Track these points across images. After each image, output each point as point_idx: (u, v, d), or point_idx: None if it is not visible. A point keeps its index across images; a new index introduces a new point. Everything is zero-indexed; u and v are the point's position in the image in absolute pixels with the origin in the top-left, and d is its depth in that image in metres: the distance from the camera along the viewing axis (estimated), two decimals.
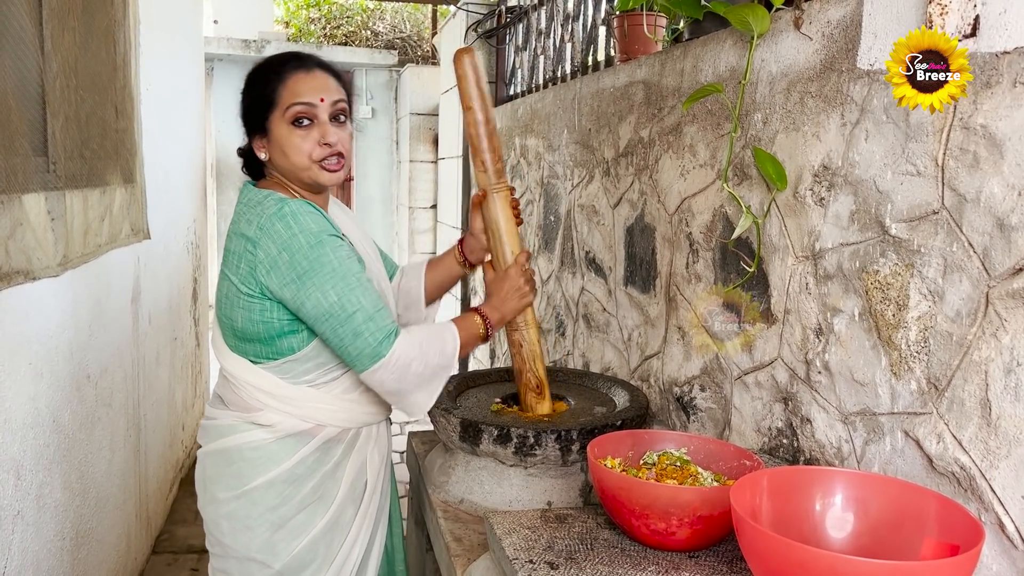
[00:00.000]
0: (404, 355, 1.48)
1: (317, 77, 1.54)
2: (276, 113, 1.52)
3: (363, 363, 1.47)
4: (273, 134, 1.53)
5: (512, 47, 4.12)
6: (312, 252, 1.45)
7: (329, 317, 1.45)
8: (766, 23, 1.53)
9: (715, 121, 1.79)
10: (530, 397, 1.80)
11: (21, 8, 1.79)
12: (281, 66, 1.54)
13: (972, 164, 1.11)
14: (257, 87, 1.55)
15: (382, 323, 1.47)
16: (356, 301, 1.45)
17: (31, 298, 1.88)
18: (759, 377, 1.63)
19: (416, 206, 7.00)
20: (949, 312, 1.15)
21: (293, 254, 1.45)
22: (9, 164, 1.68)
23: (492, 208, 1.75)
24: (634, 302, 2.25)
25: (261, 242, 1.47)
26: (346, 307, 1.45)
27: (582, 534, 1.32)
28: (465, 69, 1.71)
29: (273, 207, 1.48)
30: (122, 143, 2.64)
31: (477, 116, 1.72)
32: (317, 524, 1.57)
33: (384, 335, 1.46)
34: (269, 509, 1.55)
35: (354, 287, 1.46)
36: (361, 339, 1.45)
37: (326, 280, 1.44)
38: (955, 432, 1.15)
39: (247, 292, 1.50)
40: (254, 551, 1.55)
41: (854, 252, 1.34)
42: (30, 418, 1.90)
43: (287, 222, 1.46)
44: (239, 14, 9.22)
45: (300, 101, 1.51)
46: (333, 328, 1.46)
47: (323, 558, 1.58)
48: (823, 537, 1.14)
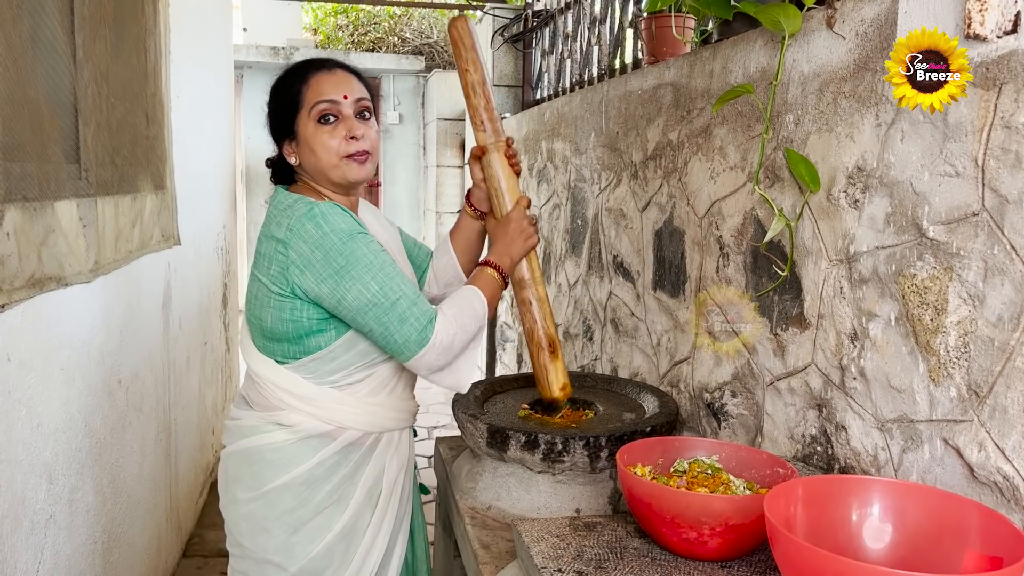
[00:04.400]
0: (447, 333, 1.51)
1: (339, 75, 1.58)
2: (302, 114, 1.55)
3: (410, 349, 1.49)
4: (301, 135, 1.57)
5: (539, 51, 4.12)
6: (346, 248, 1.48)
7: (373, 307, 1.47)
8: (798, 23, 1.50)
9: (745, 123, 1.76)
10: (543, 358, 1.78)
11: (53, 17, 1.82)
12: (303, 70, 1.59)
13: (1014, 164, 1.08)
14: (282, 93, 1.59)
15: (424, 307, 1.51)
16: (398, 288, 1.48)
17: (63, 304, 1.90)
18: (792, 383, 1.60)
19: (443, 211, 7.01)
20: (990, 317, 1.12)
21: (327, 252, 1.47)
22: (42, 171, 1.70)
23: (492, 163, 1.78)
24: (663, 306, 2.23)
25: (292, 243, 1.49)
26: (389, 295, 1.48)
27: (611, 543, 1.30)
28: (460, 34, 1.78)
29: (303, 209, 1.51)
30: (153, 150, 2.67)
31: (472, 77, 1.78)
32: (334, 528, 1.58)
33: (428, 319, 1.50)
34: (286, 511, 1.56)
35: (393, 275, 1.49)
36: (408, 324, 1.48)
37: (364, 272, 1.47)
38: (997, 440, 1.11)
39: (278, 292, 1.52)
40: (271, 553, 1.57)
41: (890, 255, 1.31)
42: (62, 422, 1.92)
43: (317, 222, 1.48)
44: (268, 22, 9.32)
45: (324, 99, 1.55)
46: (378, 317, 1.48)
47: (340, 563, 1.58)
48: (860, 548, 1.11)
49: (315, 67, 1.58)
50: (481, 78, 1.78)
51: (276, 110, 1.60)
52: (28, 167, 1.64)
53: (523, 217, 1.75)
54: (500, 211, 1.78)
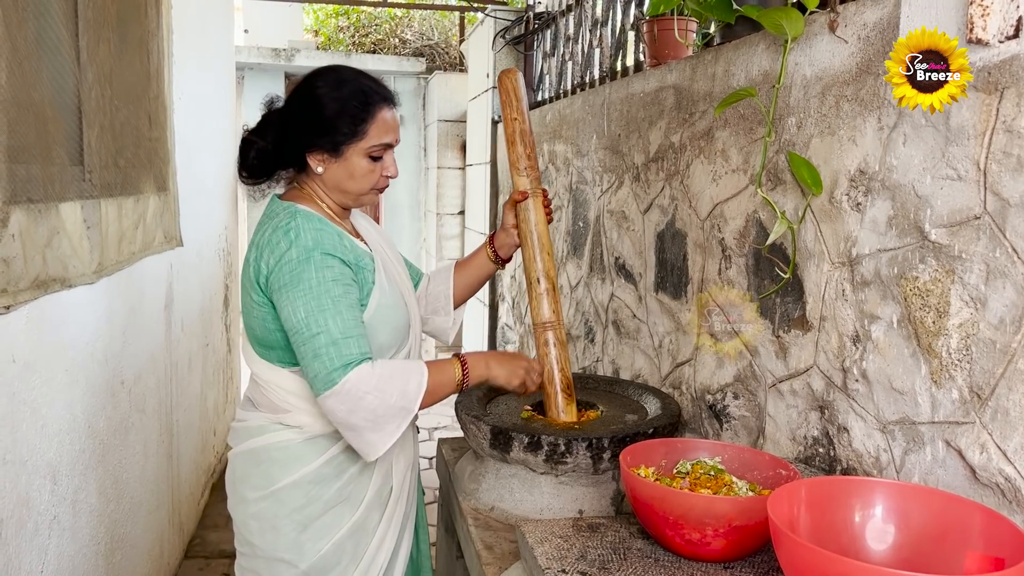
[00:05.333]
0: (357, 387, 1.44)
1: (395, 116, 1.61)
2: (359, 144, 1.57)
3: (316, 387, 1.47)
4: (348, 160, 1.58)
5: (540, 53, 4.12)
6: (297, 267, 1.48)
7: (294, 333, 1.48)
8: (800, 26, 1.51)
9: (747, 126, 1.77)
10: (562, 399, 1.78)
11: (58, 20, 1.82)
12: (367, 97, 1.57)
13: (1016, 168, 1.09)
14: (340, 111, 1.55)
15: (345, 351, 1.45)
16: (322, 323, 1.45)
17: (67, 305, 1.90)
18: (794, 385, 1.61)
19: (444, 212, 7.01)
20: (992, 319, 1.13)
21: (282, 266, 1.49)
22: (46, 173, 1.71)
23: (528, 208, 1.82)
24: (665, 308, 2.23)
25: (264, 253, 1.52)
26: (311, 326, 1.46)
27: (615, 543, 1.30)
28: (514, 85, 1.84)
29: (284, 220, 1.53)
30: (155, 152, 2.67)
31: (521, 126, 1.83)
32: (343, 526, 1.59)
33: (342, 363, 1.44)
34: (295, 509, 1.58)
35: (325, 308, 1.46)
36: (319, 362, 1.45)
37: (299, 296, 1.47)
38: (999, 442, 1.12)
39: (257, 300, 1.55)
40: (281, 551, 1.58)
41: (892, 258, 1.32)
42: (66, 424, 1.92)
43: (289, 236, 1.51)
44: (269, 23, 9.32)
45: (384, 142, 1.58)
46: (296, 345, 1.49)
47: (349, 560, 1.60)
48: (863, 549, 1.12)
49: (379, 98, 1.58)
50: (528, 127, 1.83)
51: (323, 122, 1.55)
52: (33, 169, 1.65)
53: (529, 367, 1.70)
54: (528, 254, 1.81)
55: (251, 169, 1.64)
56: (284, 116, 1.60)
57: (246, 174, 1.64)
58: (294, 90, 1.61)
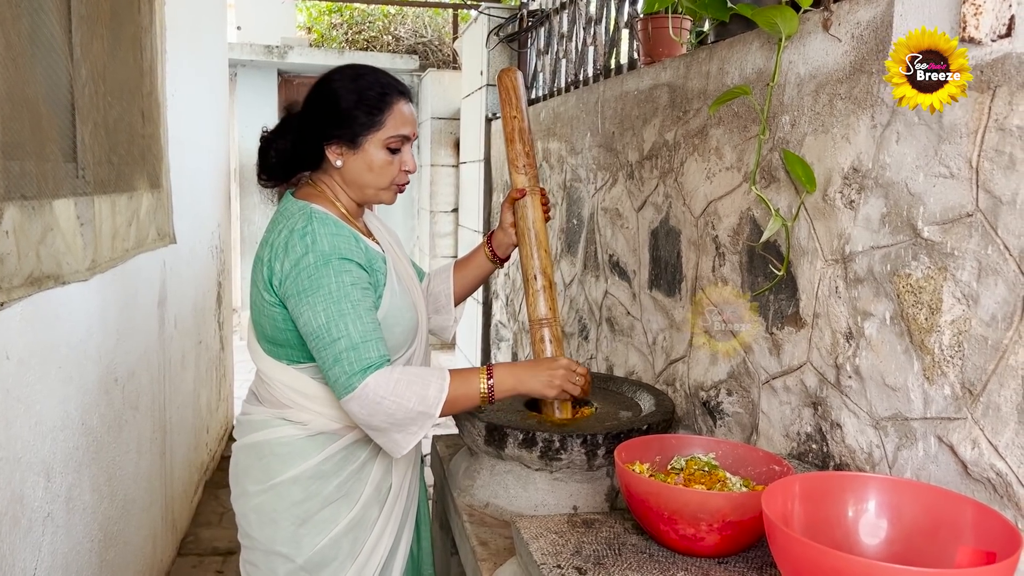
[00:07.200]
0: (376, 392, 1.44)
1: (412, 110, 1.62)
2: (377, 135, 1.57)
3: (337, 391, 1.48)
4: (366, 151, 1.58)
5: (534, 51, 4.12)
6: (316, 272, 1.48)
7: (315, 338, 1.48)
8: (794, 25, 1.52)
9: (741, 124, 1.78)
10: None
11: (52, 16, 1.82)
12: (385, 89, 1.59)
13: (1008, 166, 1.09)
14: (358, 102, 1.56)
15: (364, 354, 1.45)
16: (343, 328, 1.46)
17: (61, 302, 1.90)
18: (787, 381, 1.61)
19: (437, 210, 7.01)
20: (984, 316, 1.14)
21: (300, 271, 1.49)
22: (40, 170, 1.70)
23: (527, 206, 1.82)
24: (659, 306, 2.24)
25: (279, 254, 1.52)
26: (331, 331, 1.46)
27: (610, 539, 1.31)
28: (514, 84, 1.86)
29: (300, 223, 1.53)
30: (149, 149, 2.67)
31: (520, 124, 1.85)
32: (341, 521, 1.60)
33: (361, 368, 1.45)
34: (294, 504, 1.59)
35: (346, 313, 1.47)
36: (339, 366, 1.46)
37: (319, 301, 1.47)
38: (991, 438, 1.13)
39: (269, 300, 1.55)
40: (278, 544, 1.59)
41: (885, 255, 1.33)
42: (60, 421, 1.92)
43: (305, 241, 1.50)
44: (262, 20, 9.28)
45: (402, 134, 1.58)
46: (317, 349, 1.49)
47: (346, 555, 1.61)
48: (856, 544, 1.13)
49: (397, 91, 1.60)
50: (527, 125, 1.85)
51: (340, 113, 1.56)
52: (27, 166, 1.64)
53: (571, 371, 1.60)
54: (525, 251, 1.81)
55: (271, 170, 1.66)
56: (302, 115, 1.62)
57: (266, 176, 1.66)
58: (311, 89, 1.62)
